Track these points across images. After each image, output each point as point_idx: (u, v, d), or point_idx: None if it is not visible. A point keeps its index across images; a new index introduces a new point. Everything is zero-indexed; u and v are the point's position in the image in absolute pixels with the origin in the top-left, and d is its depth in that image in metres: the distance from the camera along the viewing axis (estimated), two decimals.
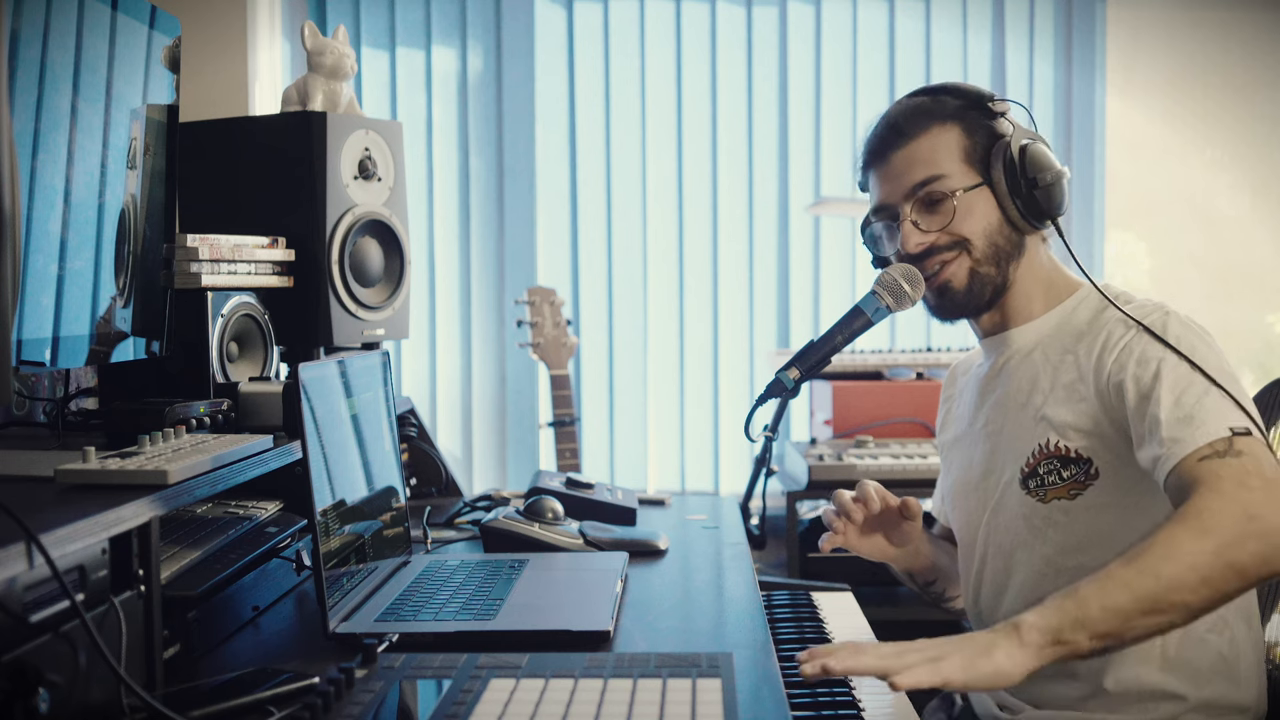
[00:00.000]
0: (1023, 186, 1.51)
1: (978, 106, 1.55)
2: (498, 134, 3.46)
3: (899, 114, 1.57)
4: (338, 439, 1.48)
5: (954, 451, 1.70)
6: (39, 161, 1.26)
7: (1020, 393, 1.55)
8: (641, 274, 3.48)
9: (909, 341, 3.46)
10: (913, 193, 1.54)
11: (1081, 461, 1.46)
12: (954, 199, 1.51)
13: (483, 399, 3.50)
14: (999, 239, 1.53)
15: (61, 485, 1.19)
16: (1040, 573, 1.50)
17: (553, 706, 1.10)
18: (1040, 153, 1.52)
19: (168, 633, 1.25)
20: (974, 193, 1.52)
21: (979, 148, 1.53)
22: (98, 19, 1.39)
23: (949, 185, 1.52)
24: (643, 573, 1.71)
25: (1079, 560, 1.45)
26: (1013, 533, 1.54)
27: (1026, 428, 1.52)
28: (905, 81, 3.46)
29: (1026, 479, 1.51)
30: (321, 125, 1.96)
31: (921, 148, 1.54)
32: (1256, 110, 3.33)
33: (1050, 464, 1.48)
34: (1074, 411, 1.47)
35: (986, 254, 1.53)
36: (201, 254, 1.69)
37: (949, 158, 1.53)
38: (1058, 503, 1.48)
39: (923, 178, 1.53)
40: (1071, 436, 1.46)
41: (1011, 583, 1.55)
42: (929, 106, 1.56)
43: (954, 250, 1.53)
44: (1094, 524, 1.46)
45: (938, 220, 1.53)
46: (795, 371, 1.79)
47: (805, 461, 2.65)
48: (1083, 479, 1.46)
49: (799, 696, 1.42)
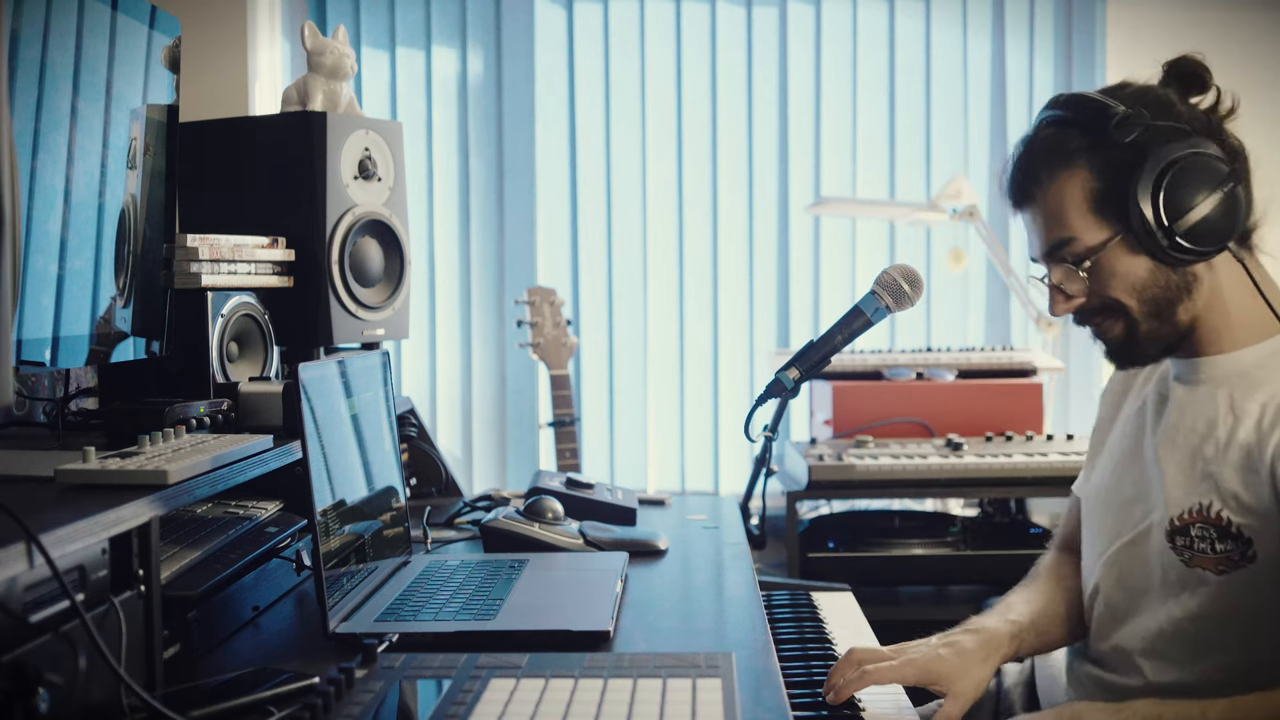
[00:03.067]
0: (1168, 228, 1.29)
1: (1102, 132, 1.32)
2: (498, 134, 3.46)
3: (1026, 159, 1.39)
4: (338, 439, 1.48)
5: (1107, 454, 1.54)
6: (39, 161, 1.26)
7: (1193, 434, 1.37)
8: (641, 274, 3.48)
9: (909, 341, 3.46)
10: (1049, 253, 1.38)
11: (1241, 540, 1.30)
12: (1090, 262, 1.34)
13: (483, 399, 3.50)
14: (1155, 290, 1.34)
15: (61, 485, 1.19)
16: (1163, 630, 1.38)
17: (553, 706, 1.10)
18: (1187, 179, 1.29)
19: (168, 633, 1.25)
20: (1111, 250, 1.33)
21: (1111, 191, 1.32)
22: (98, 19, 1.39)
23: (1081, 247, 1.34)
24: (643, 573, 1.71)
25: (1212, 634, 1.34)
26: (1144, 576, 1.41)
27: (1190, 479, 1.36)
28: (905, 81, 3.46)
29: (1174, 533, 1.36)
30: (321, 125, 1.96)
31: (1049, 204, 1.36)
32: (1256, 110, 3.31)
33: (1205, 530, 1.33)
34: (1244, 483, 1.30)
35: (1144, 311, 1.35)
36: (201, 254, 1.69)
37: (1076, 213, 1.34)
38: (1201, 572, 1.33)
39: (1054, 241, 1.36)
40: (1236, 510, 1.30)
41: (1132, 621, 1.43)
42: (1053, 145, 1.36)
43: (1106, 313, 1.37)
44: (1237, 606, 1.32)
45: (1080, 284, 1.36)
46: (795, 371, 1.80)
47: (805, 461, 2.65)
48: (1237, 558, 1.30)
49: (799, 696, 1.41)
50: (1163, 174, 1.29)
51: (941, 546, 2.77)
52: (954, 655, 1.41)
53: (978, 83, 3.48)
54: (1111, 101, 1.33)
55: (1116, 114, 1.31)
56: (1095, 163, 1.33)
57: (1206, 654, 1.35)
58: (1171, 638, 1.37)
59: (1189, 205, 1.29)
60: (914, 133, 3.48)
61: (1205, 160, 1.31)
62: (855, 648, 1.44)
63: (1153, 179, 1.29)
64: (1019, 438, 2.81)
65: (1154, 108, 1.33)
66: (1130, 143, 1.30)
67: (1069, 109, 1.37)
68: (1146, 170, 1.30)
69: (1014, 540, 2.78)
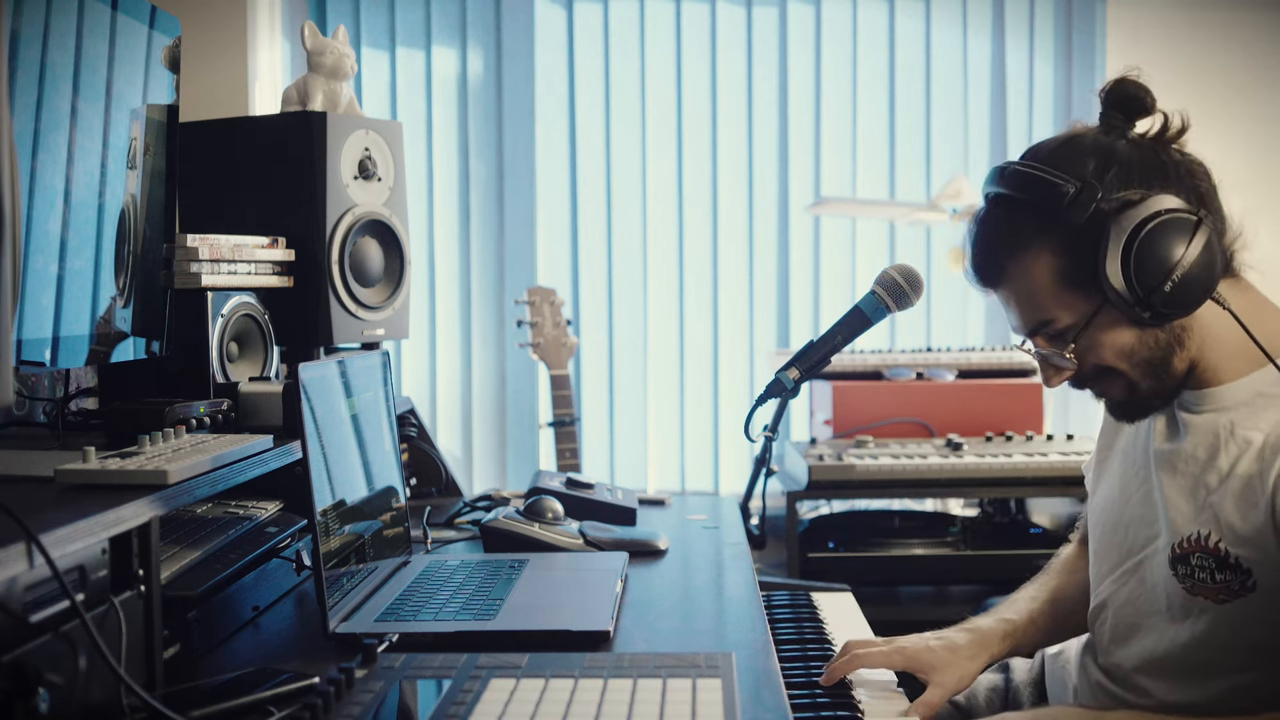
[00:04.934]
0: (1145, 299, 1.25)
1: (1055, 211, 1.27)
2: (498, 134, 3.46)
3: (983, 243, 1.35)
4: (338, 439, 1.48)
5: (1115, 463, 1.52)
6: (39, 161, 1.26)
7: (1195, 461, 1.35)
8: (641, 274, 3.48)
9: (909, 341, 3.46)
10: (1032, 333, 1.36)
11: (1240, 570, 1.29)
12: (1071, 335, 1.31)
13: (483, 399, 3.49)
14: (1145, 352, 1.31)
15: (61, 485, 1.19)
16: (1170, 653, 1.37)
17: (553, 706, 1.10)
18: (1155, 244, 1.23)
19: (168, 633, 1.25)
20: (1094, 323, 1.30)
21: (1079, 268, 1.28)
22: (98, 19, 1.39)
23: (1061, 326, 1.32)
24: (643, 573, 1.71)
25: (1215, 659, 1.33)
26: (1150, 600, 1.40)
27: (1192, 507, 1.34)
28: (905, 81, 3.46)
29: (1176, 560, 1.35)
30: (321, 125, 1.96)
31: (1019, 290, 1.33)
32: (1256, 110, 3.33)
33: (1204, 559, 1.31)
34: (1244, 516, 1.29)
35: (1139, 372, 1.33)
36: (201, 254, 1.69)
37: (1048, 294, 1.31)
38: (1203, 600, 1.32)
39: (1033, 323, 1.34)
40: (1234, 541, 1.29)
41: (1138, 640, 1.42)
42: (1008, 229, 1.31)
43: (1103, 379, 1.35)
44: (1240, 634, 1.31)
45: (1068, 357, 1.33)
46: (795, 371, 1.80)
47: (805, 461, 2.65)
48: (1237, 588, 1.29)
49: (799, 696, 1.42)
50: (1129, 244, 1.24)
51: (941, 546, 2.77)
52: (943, 648, 1.48)
53: (978, 83, 3.48)
54: (1060, 178, 1.26)
55: (1067, 193, 1.25)
56: (1055, 244, 1.28)
57: (1214, 678, 1.34)
58: (1179, 660, 1.37)
59: (1164, 270, 1.24)
60: (914, 133, 3.48)
61: (1170, 220, 1.24)
62: (851, 640, 1.51)
63: (1119, 252, 1.24)
64: (1019, 438, 2.81)
65: (1104, 166, 1.27)
66: (1095, 203, 1.25)
67: (1016, 188, 1.30)
68: (1111, 243, 1.25)
69: (1014, 540, 2.78)
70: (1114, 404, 1.39)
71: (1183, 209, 1.26)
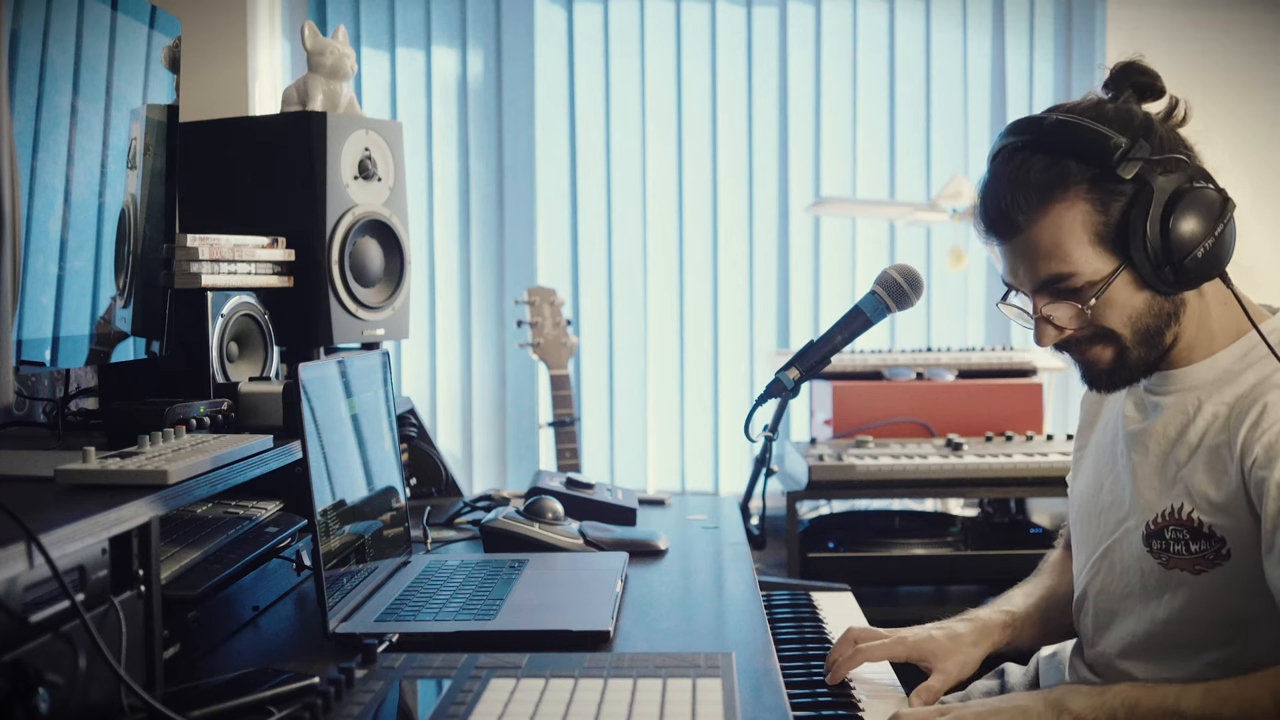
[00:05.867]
0: (1173, 258, 1.27)
1: (1103, 163, 1.27)
2: (497, 134, 3.46)
3: (1009, 187, 1.31)
4: (338, 439, 1.48)
5: (1089, 459, 1.55)
6: (39, 161, 1.26)
7: (1165, 438, 1.38)
8: (641, 274, 3.48)
9: (909, 341, 3.46)
10: (1041, 287, 1.34)
11: (1214, 539, 1.31)
12: (1089, 292, 1.30)
13: (483, 399, 3.49)
14: (1149, 319, 1.33)
15: (61, 485, 1.19)
16: (1150, 632, 1.40)
17: (553, 706, 1.10)
18: (1191, 213, 1.27)
19: (168, 633, 1.25)
20: (1113, 283, 1.30)
21: (1113, 223, 1.28)
22: (98, 19, 1.39)
23: (1081, 281, 1.30)
24: (643, 573, 1.71)
25: (1195, 634, 1.36)
26: (1126, 581, 1.43)
27: (1163, 481, 1.37)
28: (905, 81, 3.46)
29: (1150, 537, 1.37)
30: (321, 125, 1.96)
31: (1043, 236, 1.30)
32: (1256, 110, 3.33)
33: (1179, 532, 1.34)
34: (1215, 484, 1.31)
35: (1136, 339, 1.33)
36: (201, 254, 1.69)
37: (1077, 245, 1.29)
38: (1179, 573, 1.34)
39: (1048, 274, 1.31)
40: (1207, 510, 1.31)
41: (1118, 624, 1.45)
42: (1044, 177, 1.29)
43: (1098, 341, 1.35)
44: (1218, 604, 1.33)
45: (1074, 315, 1.32)
46: (795, 371, 1.80)
47: (805, 461, 2.65)
48: (1211, 557, 1.31)
49: (799, 696, 1.42)
50: (1168, 208, 1.26)
51: (941, 546, 2.77)
52: (945, 637, 1.50)
53: (978, 83, 3.48)
54: (1109, 131, 1.27)
55: (1120, 146, 1.26)
56: (1094, 196, 1.28)
57: (1195, 653, 1.36)
58: (1160, 639, 1.39)
59: (1195, 239, 1.26)
60: (914, 133, 3.48)
61: (1206, 192, 1.28)
62: (853, 627, 1.53)
63: (1160, 214, 1.26)
64: (1019, 438, 2.81)
65: (1143, 132, 1.29)
66: (1139, 162, 1.26)
67: (1060, 138, 1.30)
68: (1153, 204, 1.26)
69: (1014, 540, 2.78)
70: (1098, 371, 1.38)
71: (1215, 184, 1.29)
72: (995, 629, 1.55)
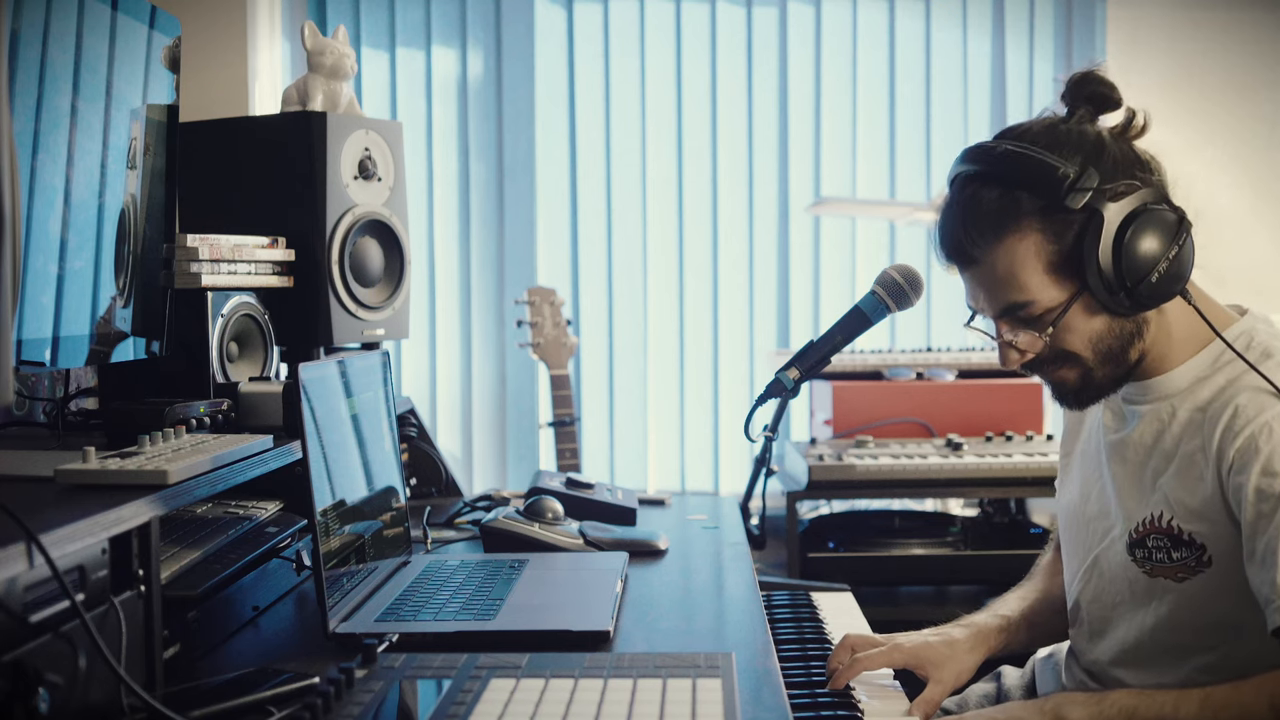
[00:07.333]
0: (1128, 283, 1.28)
1: (1052, 193, 1.27)
2: (497, 134, 3.46)
3: (962, 219, 1.33)
4: (338, 439, 1.48)
5: (1075, 468, 1.56)
6: (39, 161, 1.26)
7: (1142, 446, 1.40)
8: (641, 274, 3.48)
9: (909, 341, 3.46)
10: (1002, 314, 1.35)
11: (1194, 546, 1.32)
12: (1048, 319, 1.32)
13: (483, 399, 3.49)
14: (1110, 340, 1.34)
15: (61, 485, 1.19)
16: (1140, 641, 1.41)
17: (553, 706, 1.10)
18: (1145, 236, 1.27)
19: (168, 633, 1.25)
20: (1071, 309, 1.31)
21: (1065, 251, 1.29)
22: (98, 19, 1.39)
23: (1039, 309, 1.31)
24: (643, 573, 1.71)
25: (1182, 640, 1.37)
26: (1115, 590, 1.44)
27: (1142, 490, 1.39)
28: (905, 81, 3.46)
29: (1133, 546, 1.39)
30: (321, 125, 1.96)
31: (998, 266, 1.31)
32: (1256, 110, 3.32)
33: (1160, 540, 1.35)
34: (1192, 491, 1.32)
35: (1099, 360, 1.35)
36: (201, 254, 1.69)
37: (1032, 274, 1.30)
38: (1164, 581, 1.36)
39: (1007, 303, 1.33)
40: (1185, 518, 1.33)
41: (1111, 633, 1.46)
42: (995, 208, 1.30)
43: (1062, 363, 1.36)
44: (1203, 610, 1.34)
45: (1034, 340, 1.34)
46: (795, 371, 1.80)
47: (805, 461, 2.65)
48: (1193, 564, 1.33)
49: (799, 696, 1.42)
50: (1120, 234, 1.27)
51: (941, 546, 2.77)
52: (941, 644, 1.50)
53: (978, 83, 3.48)
54: (1057, 160, 1.28)
55: (1067, 177, 1.27)
56: (1046, 226, 1.28)
57: (1183, 658, 1.37)
58: (1149, 647, 1.40)
59: (1149, 262, 1.27)
60: (914, 133, 3.48)
61: (1158, 213, 1.28)
62: (850, 634, 1.53)
63: (1111, 240, 1.27)
64: (1019, 438, 2.81)
65: (1095, 155, 1.29)
66: (1087, 191, 1.27)
67: (1009, 168, 1.30)
68: (1104, 232, 1.27)
69: (1014, 540, 2.78)
70: (1066, 390, 1.40)
71: (1169, 204, 1.30)
72: (991, 634, 1.55)
